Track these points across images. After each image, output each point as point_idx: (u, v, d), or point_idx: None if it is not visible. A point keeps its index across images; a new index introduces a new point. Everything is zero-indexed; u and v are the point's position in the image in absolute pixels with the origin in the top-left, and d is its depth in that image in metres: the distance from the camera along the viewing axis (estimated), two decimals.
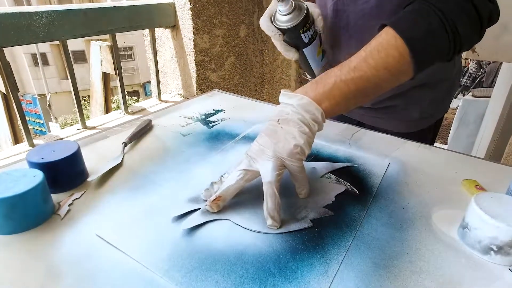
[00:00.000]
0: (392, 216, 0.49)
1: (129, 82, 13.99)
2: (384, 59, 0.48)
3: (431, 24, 0.48)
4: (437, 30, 0.48)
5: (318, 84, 0.49)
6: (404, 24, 0.48)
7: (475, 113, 2.64)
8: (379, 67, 0.48)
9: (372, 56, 0.49)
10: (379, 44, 0.49)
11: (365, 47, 0.50)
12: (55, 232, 0.44)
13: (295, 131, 0.46)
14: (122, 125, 0.75)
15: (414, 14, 0.49)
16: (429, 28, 0.48)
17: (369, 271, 0.39)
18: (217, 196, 0.47)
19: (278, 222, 0.45)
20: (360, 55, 0.50)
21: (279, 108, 0.50)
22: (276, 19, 0.63)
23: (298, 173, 0.48)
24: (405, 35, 0.47)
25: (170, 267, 0.39)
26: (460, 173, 0.59)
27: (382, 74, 0.49)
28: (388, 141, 0.70)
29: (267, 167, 0.46)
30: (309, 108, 0.47)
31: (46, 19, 1.00)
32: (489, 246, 0.41)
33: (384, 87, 0.51)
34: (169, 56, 1.51)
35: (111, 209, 0.49)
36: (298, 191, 0.51)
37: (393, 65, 0.48)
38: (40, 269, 0.39)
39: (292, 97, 0.49)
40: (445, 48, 0.49)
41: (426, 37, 0.48)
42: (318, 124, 0.48)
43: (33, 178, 0.45)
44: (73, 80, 1.19)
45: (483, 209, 0.41)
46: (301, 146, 0.46)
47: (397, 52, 0.48)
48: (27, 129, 1.10)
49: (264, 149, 0.47)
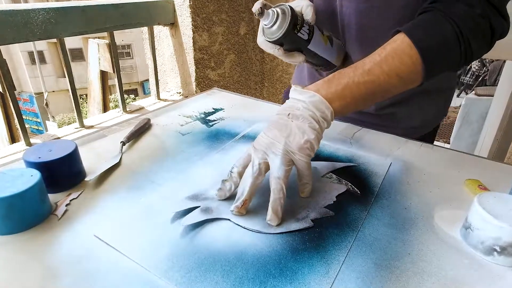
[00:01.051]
0: (394, 216, 0.49)
1: (127, 81, 13.99)
2: (398, 66, 0.49)
3: (446, 36, 0.49)
4: (451, 43, 0.49)
5: (331, 83, 0.50)
6: (419, 33, 0.49)
7: (478, 112, 2.64)
8: (392, 73, 0.50)
9: (387, 61, 0.50)
10: (394, 50, 0.50)
11: (379, 51, 0.51)
12: (52, 232, 0.44)
13: (306, 126, 0.47)
14: (120, 124, 0.75)
15: (430, 24, 0.50)
16: (443, 41, 0.49)
17: (370, 272, 0.39)
18: (244, 200, 0.46)
19: (279, 219, 0.45)
20: (374, 59, 0.51)
21: (289, 103, 0.51)
22: (266, 35, 0.61)
23: (305, 169, 0.48)
24: (420, 45, 0.48)
25: (169, 268, 0.39)
26: (462, 173, 0.59)
27: (394, 80, 0.50)
28: (390, 140, 0.70)
29: (276, 162, 0.46)
30: (320, 106, 0.48)
31: (43, 17, 1.00)
32: (492, 247, 0.41)
33: (392, 92, 0.52)
34: (168, 54, 1.51)
35: (109, 209, 0.49)
36: (301, 189, 0.51)
37: (405, 73, 0.50)
38: (37, 270, 0.39)
39: (303, 93, 0.50)
40: (456, 60, 0.51)
41: (440, 48, 0.49)
42: (327, 122, 0.49)
43: (30, 177, 0.45)
44: (70, 78, 1.19)
45: (486, 209, 0.41)
46: (311, 142, 0.47)
47: (411, 61, 0.49)
48: (24, 128, 1.10)
49: (274, 142, 0.47)
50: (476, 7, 0.49)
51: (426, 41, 0.49)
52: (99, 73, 2.15)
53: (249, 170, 0.48)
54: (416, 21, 0.52)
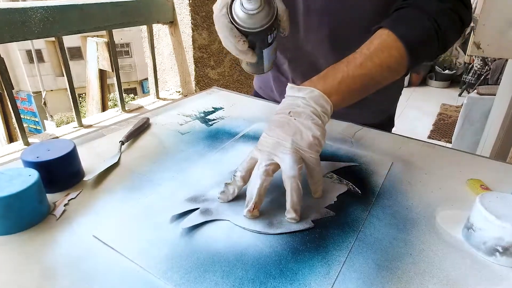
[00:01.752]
0: (395, 216, 0.49)
1: (126, 80, 13.99)
2: (387, 58, 0.53)
3: (425, 31, 0.54)
4: (431, 37, 0.55)
5: (326, 79, 0.52)
6: (403, 28, 0.54)
7: (480, 111, 2.64)
8: (384, 66, 0.53)
9: (377, 55, 0.53)
10: (382, 44, 0.54)
11: (366, 45, 0.54)
12: (51, 233, 0.44)
13: (310, 123, 0.48)
14: (119, 123, 0.75)
15: (411, 20, 0.55)
16: (424, 35, 0.54)
17: (371, 273, 0.39)
18: (254, 204, 0.46)
19: (299, 217, 0.46)
20: (364, 53, 0.53)
21: (288, 101, 0.51)
22: (239, 19, 0.51)
23: (315, 165, 0.48)
24: (405, 39, 0.53)
25: (168, 268, 0.39)
26: (464, 173, 0.59)
27: (385, 72, 0.54)
28: (391, 140, 0.70)
29: (287, 161, 0.46)
30: (320, 101, 0.49)
31: (42, 15, 1.00)
32: (494, 247, 0.41)
33: (382, 84, 0.56)
34: (167, 52, 1.51)
35: (108, 209, 0.49)
36: (314, 188, 0.50)
37: (394, 65, 0.54)
38: (35, 271, 0.39)
39: (301, 90, 0.50)
40: (435, 51, 0.57)
41: (421, 42, 0.54)
42: (328, 117, 0.50)
43: (28, 177, 0.45)
44: (69, 77, 1.19)
45: (488, 209, 0.41)
46: (319, 138, 0.48)
47: (398, 53, 0.53)
48: (21, 128, 1.10)
49: (280, 141, 0.47)
50: (447, 2, 0.55)
51: (409, 35, 0.53)
52: (98, 72, 2.16)
53: (256, 172, 0.47)
54: (396, 17, 0.56)
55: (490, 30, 1.38)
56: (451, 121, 3.78)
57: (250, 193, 0.46)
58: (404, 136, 0.72)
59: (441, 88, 5.05)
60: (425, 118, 3.99)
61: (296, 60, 0.79)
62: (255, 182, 0.46)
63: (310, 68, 0.73)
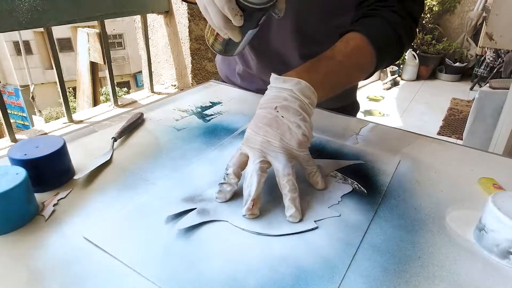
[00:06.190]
0: (403, 217, 0.49)
1: (119, 72, 13.98)
2: (362, 59, 0.62)
3: (390, 39, 0.64)
4: (394, 45, 0.65)
5: (311, 73, 0.55)
6: (374, 34, 0.62)
7: (493, 106, 2.63)
8: (358, 66, 0.63)
9: (355, 55, 0.61)
10: (357, 46, 0.61)
11: (343, 44, 0.61)
12: (39, 234, 0.44)
13: (298, 120, 0.49)
14: (112, 118, 0.75)
15: (379, 28, 0.64)
16: (389, 43, 0.65)
17: (378, 277, 0.39)
18: (253, 201, 0.46)
19: (300, 214, 0.47)
20: (342, 51, 0.60)
21: (273, 93, 0.52)
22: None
23: (307, 160, 0.51)
24: (375, 44, 0.62)
25: (162, 272, 0.39)
26: (476, 171, 0.59)
27: (358, 72, 0.64)
28: (398, 136, 0.70)
29: (280, 160, 0.48)
30: (308, 92, 0.51)
31: (30, 4, 0.99)
32: (507, 250, 0.41)
33: (353, 83, 0.68)
34: (162, 44, 1.51)
35: (99, 210, 0.49)
36: (313, 180, 0.53)
37: (366, 66, 0.63)
38: (22, 273, 0.39)
39: (287, 81, 0.52)
40: (395, 58, 0.68)
41: (387, 48, 0.64)
42: (313, 108, 0.53)
43: (15, 176, 0.45)
44: (58, 70, 1.18)
45: (501, 210, 0.41)
46: (307, 135, 0.50)
47: (370, 56, 0.62)
48: (8, 123, 1.10)
49: (269, 140, 0.49)
50: (407, 19, 0.66)
51: (378, 41, 0.62)
52: (89, 64, 2.15)
53: (251, 169, 0.48)
54: (367, 24, 0.64)
55: (504, 20, 1.38)
56: (462, 117, 3.78)
57: (247, 192, 0.47)
58: (413, 132, 0.72)
59: (452, 81, 5.04)
60: (434, 113, 3.99)
61: (263, 55, 0.83)
62: (252, 179, 0.47)
63: (278, 62, 0.81)
